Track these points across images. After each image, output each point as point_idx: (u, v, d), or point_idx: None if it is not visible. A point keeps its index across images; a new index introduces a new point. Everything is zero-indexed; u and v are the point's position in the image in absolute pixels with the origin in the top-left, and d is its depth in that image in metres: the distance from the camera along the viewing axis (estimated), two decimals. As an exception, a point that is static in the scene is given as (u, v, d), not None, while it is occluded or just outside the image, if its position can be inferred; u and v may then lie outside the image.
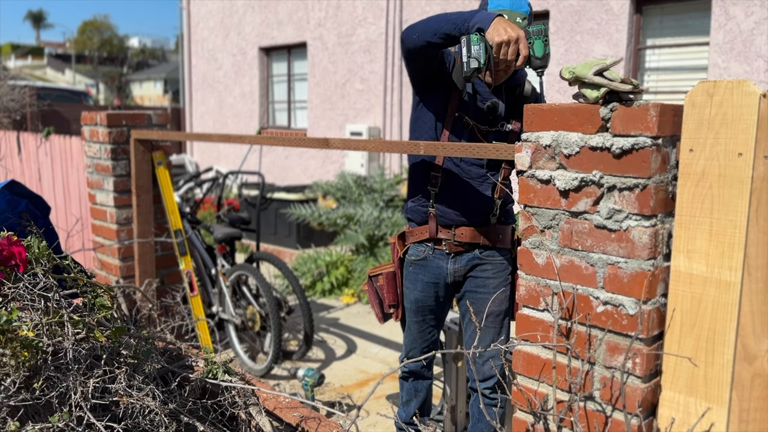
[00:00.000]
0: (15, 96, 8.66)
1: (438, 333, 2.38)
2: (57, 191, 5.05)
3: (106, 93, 43.52)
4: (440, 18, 1.92)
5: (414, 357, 2.34)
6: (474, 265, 2.22)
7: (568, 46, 5.87)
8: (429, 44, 1.96)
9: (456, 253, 2.21)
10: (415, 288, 2.27)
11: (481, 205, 2.19)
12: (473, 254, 2.22)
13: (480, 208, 2.19)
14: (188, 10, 10.85)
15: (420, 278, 2.26)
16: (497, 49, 1.79)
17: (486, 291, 2.22)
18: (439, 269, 2.24)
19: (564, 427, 1.40)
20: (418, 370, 2.40)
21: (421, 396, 2.44)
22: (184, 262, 3.34)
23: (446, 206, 2.20)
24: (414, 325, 2.33)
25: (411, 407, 2.44)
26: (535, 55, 1.83)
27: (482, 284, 2.23)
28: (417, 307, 2.29)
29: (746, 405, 1.26)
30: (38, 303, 1.48)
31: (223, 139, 2.71)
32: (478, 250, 2.21)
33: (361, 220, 5.55)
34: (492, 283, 2.21)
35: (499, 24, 1.79)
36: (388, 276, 2.32)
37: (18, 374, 1.35)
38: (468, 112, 2.15)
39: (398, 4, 7.35)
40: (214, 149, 10.52)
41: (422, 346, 2.35)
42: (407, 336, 2.36)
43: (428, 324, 2.32)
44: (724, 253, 1.23)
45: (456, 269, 2.23)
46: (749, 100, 1.18)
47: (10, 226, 1.84)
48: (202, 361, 1.82)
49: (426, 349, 2.36)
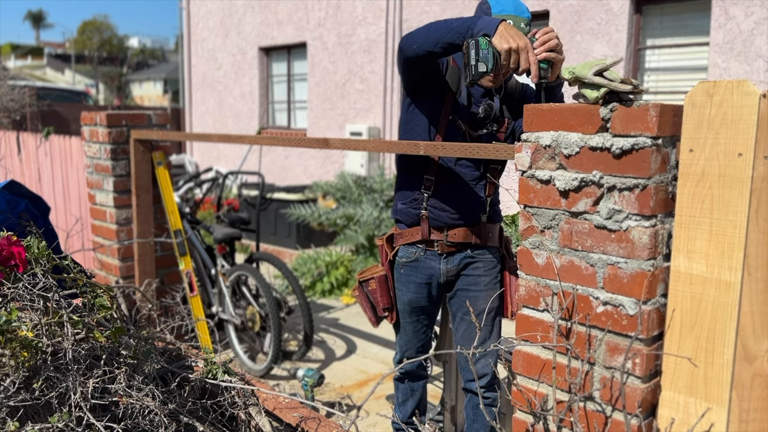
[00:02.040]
0: (15, 96, 8.66)
1: (431, 332, 2.40)
2: (57, 191, 5.05)
3: (106, 93, 43.52)
4: (441, 26, 1.90)
5: (410, 357, 2.34)
6: (466, 263, 2.24)
7: (568, 46, 5.87)
8: (430, 54, 1.94)
9: (448, 253, 2.22)
10: (408, 290, 2.27)
11: (474, 206, 2.20)
12: (465, 253, 2.23)
13: (474, 209, 2.21)
14: (188, 10, 10.85)
15: (412, 279, 2.26)
16: (505, 56, 1.76)
17: (477, 289, 2.25)
18: (431, 270, 2.24)
19: (564, 428, 1.40)
20: (414, 370, 2.41)
21: (417, 395, 2.44)
22: (184, 262, 3.34)
23: (440, 209, 2.20)
24: (408, 326, 2.33)
25: (408, 407, 2.45)
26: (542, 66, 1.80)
27: (474, 282, 2.25)
28: (411, 308, 2.29)
29: (746, 405, 1.26)
30: (38, 303, 1.48)
31: (222, 139, 2.71)
32: (469, 249, 2.23)
33: (360, 220, 5.55)
34: (483, 280, 2.24)
35: (506, 31, 1.77)
36: (380, 279, 2.30)
37: (17, 374, 1.34)
38: (462, 116, 2.16)
39: (398, 4, 7.35)
40: (214, 149, 10.52)
41: (417, 345, 2.35)
42: (402, 337, 2.36)
43: (422, 324, 2.33)
44: (724, 254, 1.22)
45: (449, 269, 2.24)
46: (749, 100, 1.18)
47: (10, 227, 1.84)
48: (202, 362, 1.82)
49: (421, 349, 2.36)
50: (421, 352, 2.35)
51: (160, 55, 66.12)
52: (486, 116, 2.13)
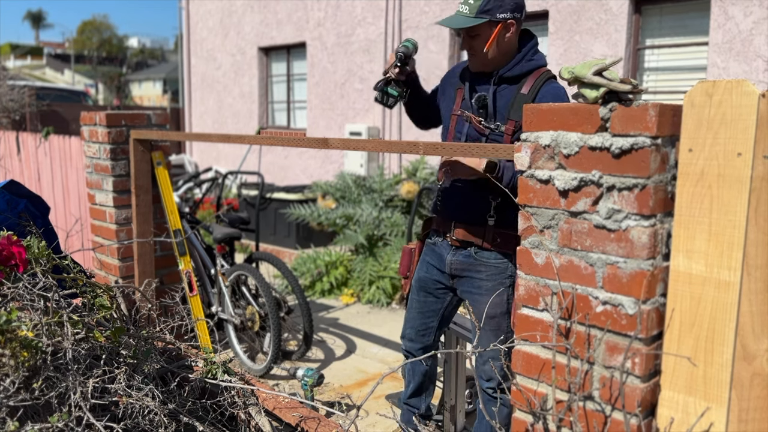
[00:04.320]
0: (14, 96, 8.66)
1: (437, 323, 2.47)
2: (56, 191, 5.05)
3: (106, 93, 43.50)
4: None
5: (408, 336, 2.50)
6: (470, 264, 2.26)
7: (567, 46, 5.87)
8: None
9: (456, 247, 2.31)
10: (422, 268, 2.44)
11: (475, 206, 2.22)
12: (469, 252, 2.26)
13: (474, 209, 2.22)
14: (187, 9, 10.85)
15: (427, 260, 2.42)
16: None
17: (480, 293, 2.25)
18: (441, 257, 2.35)
19: (563, 427, 1.40)
20: (414, 351, 2.51)
21: (417, 380, 2.55)
22: (184, 262, 3.34)
23: (444, 204, 2.32)
24: (415, 304, 2.47)
25: (408, 390, 2.58)
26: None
27: (477, 285, 2.26)
28: (419, 285, 2.44)
29: (745, 404, 1.26)
30: (38, 303, 1.48)
31: (222, 139, 2.71)
32: (473, 249, 2.25)
33: (360, 220, 5.55)
34: (486, 285, 2.23)
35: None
36: (405, 250, 2.54)
37: (17, 374, 1.34)
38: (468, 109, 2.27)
39: (397, 4, 7.35)
40: (214, 149, 10.52)
41: (418, 327, 2.47)
42: (407, 313, 2.51)
43: (428, 308, 2.45)
44: (723, 253, 1.23)
45: (453, 261, 2.31)
46: (748, 100, 1.18)
47: (10, 226, 1.84)
48: (202, 361, 1.82)
49: (421, 332, 2.47)
50: (420, 335, 2.47)
51: (159, 55, 66.10)
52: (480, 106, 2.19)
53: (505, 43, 2.16)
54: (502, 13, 2.11)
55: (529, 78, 2.17)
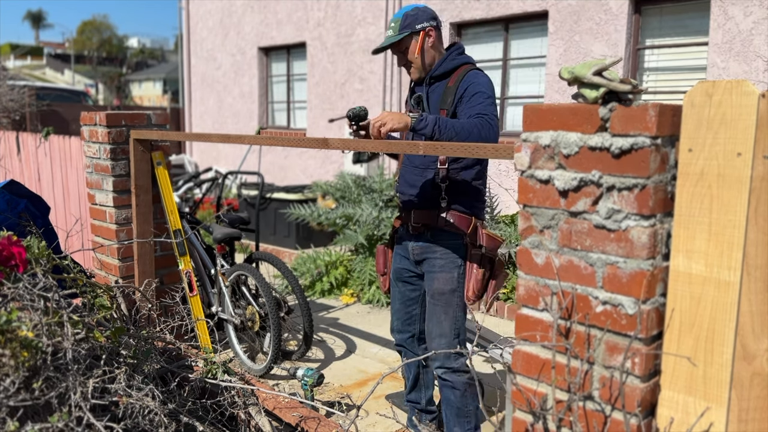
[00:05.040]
0: (14, 96, 8.66)
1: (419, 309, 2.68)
2: (56, 191, 5.05)
3: (106, 93, 43.51)
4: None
5: (396, 328, 2.72)
6: (428, 247, 2.51)
7: (567, 46, 5.88)
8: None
9: (416, 234, 2.53)
10: (395, 260, 2.68)
11: (427, 191, 2.48)
12: (426, 236, 2.51)
13: (427, 194, 2.48)
14: (187, 10, 10.85)
15: (398, 252, 2.67)
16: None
17: (433, 271, 2.49)
18: (406, 247, 2.60)
19: (563, 427, 1.40)
20: (404, 342, 2.72)
21: (412, 371, 2.76)
22: (184, 262, 3.34)
23: (401, 192, 2.59)
24: (397, 295, 2.69)
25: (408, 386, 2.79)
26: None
27: (431, 265, 2.50)
28: (395, 276, 2.68)
29: (745, 404, 1.26)
30: (38, 303, 1.48)
31: (222, 139, 2.71)
32: (429, 232, 2.50)
33: (360, 220, 5.55)
34: (439, 263, 2.48)
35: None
36: (379, 249, 2.75)
37: (17, 374, 1.34)
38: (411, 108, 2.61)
39: (397, 4, 7.34)
40: (214, 149, 10.52)
41: (403, 318, 2.70)
42: (392, 306, 2.74)
43: (407, 296, 2.67)
44: (723, 253, 1.23)
45: (414, 248, 2.56)
46: (748, 100, 1.18)
47: (10, 226, 1.84)
48: (202, 361, 1.82)
49: (407, 321, 2.69)
50: (406, 324, 2.69)
51: (159, 55, 66.10)
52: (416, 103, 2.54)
53: (430, 48, 2.50)
54: (420, 24, 2.47)
55: (455, 74, 2.47)
